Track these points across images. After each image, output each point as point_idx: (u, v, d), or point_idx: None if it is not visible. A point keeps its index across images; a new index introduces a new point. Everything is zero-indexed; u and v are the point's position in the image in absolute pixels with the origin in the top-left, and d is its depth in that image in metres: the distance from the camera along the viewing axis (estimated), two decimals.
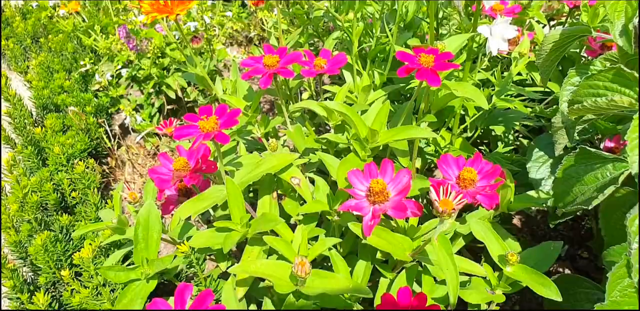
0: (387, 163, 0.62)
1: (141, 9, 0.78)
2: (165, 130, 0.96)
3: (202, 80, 0.90)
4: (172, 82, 1.37)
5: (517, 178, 0.90)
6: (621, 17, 0.55)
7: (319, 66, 0.84)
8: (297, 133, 0.81)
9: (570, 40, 0.65)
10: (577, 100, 0.56)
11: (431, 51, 0.68)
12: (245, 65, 0.78)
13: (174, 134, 0.61)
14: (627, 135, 0.46)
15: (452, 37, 0.77)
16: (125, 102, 1.47)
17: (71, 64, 1.72)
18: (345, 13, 1.00)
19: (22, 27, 1.87)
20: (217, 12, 1.57)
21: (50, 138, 1.12)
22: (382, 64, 1.04)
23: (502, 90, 0.91)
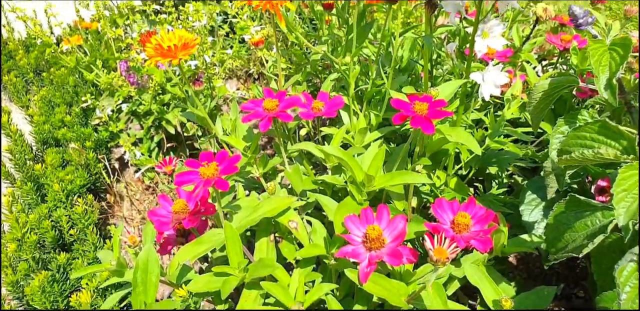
0: (383, 209, 0.64)
1: (145, 53, 0.81)
2: (165, 169, 0.98)
3: (202, 120, 0.92)
4: (172, 117, 1.40)
5: (511, 218, 0.91)
6: (605, 72, 0.57)
7: (317, 109, 0.86)
8: (295, 174, 0.82)
9: (559, 90, 0.68)
10: (565, 150, 0.58)
11: (425, 98, 0.70)
12: (246, 109, 0.80)
13: (175, 180, 0.63)
14: (613, 188, 0.48)
15: (446, 84, 0.79)
16: (125, 136, 1.49)
17: (72, 97, 1.74)
18: (342, 56, 1.03)
19: (25, 61, 1.91)
20: (217, 48, 1.61)
21: (50, 175, 1.13)
22: (378, 104, 1.06)
23: (495, 132, 0.93)
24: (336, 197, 0.90)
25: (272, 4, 0.71)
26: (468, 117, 1.10)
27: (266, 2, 0.71)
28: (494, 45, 0.75)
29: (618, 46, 0.58)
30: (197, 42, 0.81)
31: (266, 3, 0.71)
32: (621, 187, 0.48)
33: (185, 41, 0.80)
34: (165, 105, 1.45)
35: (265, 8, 0.72)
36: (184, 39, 0.81)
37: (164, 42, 0.81)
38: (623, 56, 0.57)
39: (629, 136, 0.53)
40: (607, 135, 0.55)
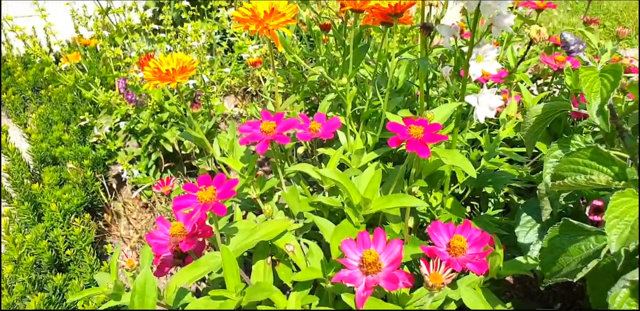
0: (379, 233, 0.64)
1: (144, 76, 0.81)
2: (162, 189, 0.98)
3: (200, 141, 0.93)
4: (170, 136, 1.40)
5: (506, 239, 0.92)
6: (597, 98, 0.58)
7: (314, 130, 0.87)
8: (292, 195, 0.83)
9: (552, 114, 0.69)
10: (559, 175, 0.59)
11: (420, 122, 0.71)
12: (243, 131, 0.81)
13: (173, 204, 0.63)
14: (605, 215, 0.49)
15: (441, 106, 0.80)
16: (122, 154, 1.50)
17: (70, 114, 1.75)
18: (339, 77, 1.04)
19: (24, 78, 1.92)
20: (216, 67, 1.62)
21: (47, 194, 1.13)
22: (375, 124, 1.07)
23: (490, 153, 0.94)
24: (333, 217, 0.90)
25: (269, 30, 0.72)
26: (464, 136, 1.11)
27: (262, 28, 0.72)
28: (488, 69, 0.77)
29: (609, 73, 0.59)
30: (194, 65, 0.82)
31: (262, 28, 0.72)
32: (613, 214, 0.49)
33: (184, 64, 0.81)
34: (163, 123, 1.46)
35: (262, 33, 0.73)
36: (182, 62, 0.82)
37: (162, 65, 0.82)
38: (614, 83, 0.58)
39: (621, 162, 0.54)
40: (599, 160, 0.55)
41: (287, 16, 0.73)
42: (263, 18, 0.72)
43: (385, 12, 0.83)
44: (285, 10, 0.73)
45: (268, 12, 0.72)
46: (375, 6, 0.85)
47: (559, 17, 3.50)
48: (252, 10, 0.73)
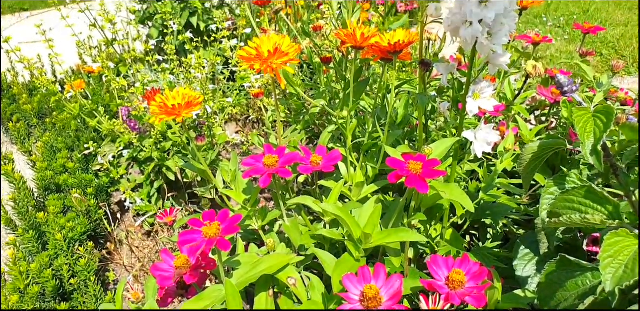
0: (380, 268, 0.65)
1: (150, 110, 0.84)
2: (166, 219, 1.00)
3: (203, 172, 0.95)
4: (173, 164, 1.42)
5: (505, 271, 0.93)
6: (590, 138, 0.60)
7: (315, 163, 0.89)
8: (293, 228, 0.84)
9: (548, 152, 0.71)
10: (555, 212, 0.61)
11: (419, 158, 0.73)
12: (246, 165, 0.83)
13: (179, 239, 0.65)
14: (600, 254, 0.50)
15: (439, 142, 0.83)
16: (125, 182, 1.51)
17: (73, 141, 1.78)
18: (339, 110, 1.07)
19: (29, 107, 1.95)
20: (218, 96, 1.65)
21: (52, 223, 1.14)
22: (375, 156, 1.09)
23: (488, 186, 0.96)
24: (334, 248, 0.92)
25: (272, 68, 0.75)
26: (463, 167, 1.13)
27: (267, 67, 0.75)
28: (485, 106, 0.79)
29: (601, 114, 0.62)
30: (200, 100, 0.84)
31: (267, 67, 0.75)
32: (607, 253, 0.50)
33: (189, 100, 0.83)
34: (166, 152, 1.48)
35: (266, 72, 0.75)
36: (187, 97, 0.84)
37: (169, 100, 0.84)
38: (606, 124, 0.60)
39: (614, 201, 0.55)
40: (594, 199, 0.57)
41: (290, 55, 0.76)
42: (267, 57, 0.75)
43: (384, 50, 0.86)
44: (288, 50, 0.76)
45: (272, 51, 0.75)
46: (375, 44, 0.88)
47: (556, 45, 3.56)
48: (256, 49, 0.76)
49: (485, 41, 0.74)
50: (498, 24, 0.74)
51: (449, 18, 0.77)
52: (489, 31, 0.74)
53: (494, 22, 0.73)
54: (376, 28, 0.90)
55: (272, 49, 0.75)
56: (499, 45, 0.75)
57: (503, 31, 0.74)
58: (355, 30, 0.90)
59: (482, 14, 0.72)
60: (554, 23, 4.18)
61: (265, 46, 0.76)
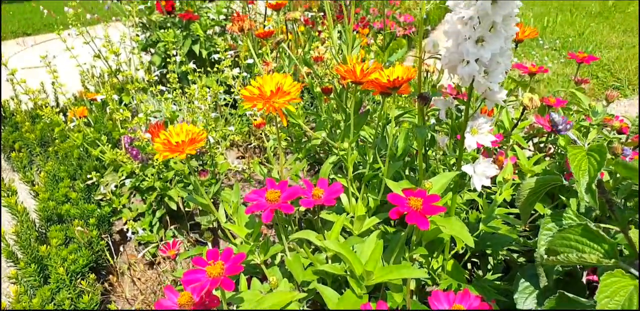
0: (382, 305, 0.66)
1: (154, 147, 0.85)
2: (169, 253, 1.00)
3: (206, 206, 0.96)
4: (174, 194, 1.43)
5: (506, 304, 0.93)
6: (585, 176, 0.62)
7: (317, 196, 0.90)
8: (295, 263, 0.85)
9: (545, 187, 0.72)
10: (553, 250, 0.62)
11: (419, 193, 0.74)
12: (249, 200, 0.84)
13: (183, 278, 0.65)
14: (597, 295, 0.51)
15: (439, 176, 0.84)
16: (127, 211, 1.52)
17: (75, 170, 1.79)
18: (340, 141, 1.09)
19: (32, 136, 1.96)
20: (220, 124, 1.67)
21: (54, 256, 1.15)
22: (376, 186, 1.10)
23: (488, 217, 0.97)
24: (336, 283, 0.92)
25: (274, 107, 0.77)
26: (463, 196, 1.14)
27: (269, 106, 0.77)
28: (483, 141, 0.81)
29: (595, 152, 0.63)
30: (203, 136, 0.86)
31: (269, 107, 0.77)
32: (604, 294, 0.51)
33: (193, 136, 0.85)
34: (168, 181, 1.49)
35: (268, 111, 0.77)
36: (191, 133, 0.86)
37: (172, 137, 0.86)
38: (600, 162, 0.61)
39: (610, 240, 0.56)
40: (590, 237, 0.58)
41: (292, 94, 0.77)
42: (269, 96, 0.77)
43: (384, 86, 0.88)
44: (290, 89, 0.78)
45: (274, 91, 0.77)
46: (374, 80, 0.90)
47: (553, 68, 3.60)
48: (259, 89, 0.78)
49: (482, 79, 0.76)
50: (494, 63, 0.76)
51: (447, 56, 0.79)
52: (486, 70, 0.77)
53: (490, 61, 0.75)
54: (375, 64, 0.93)
55: (275, 89, 0.77)
56: (495, 83, 0.77)
57: (499, 70, 0.76)
58: (355, 66, 0.93)
59: (478, 53, 0.75)
60: (550, 46, 4.24)
61: (267, 86, 0.78)
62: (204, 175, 1.03)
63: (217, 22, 2.66)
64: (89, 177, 1.47)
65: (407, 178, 1.09)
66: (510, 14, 0.73)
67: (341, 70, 0.94)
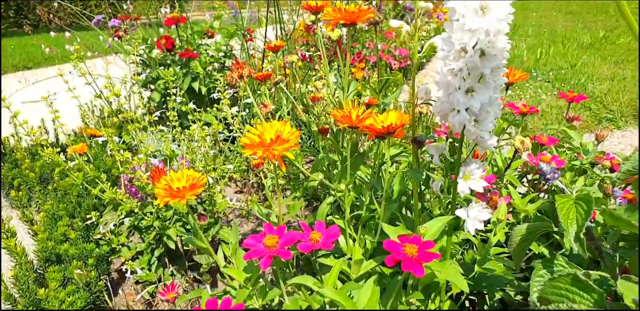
0: None
1: (155, 193, 0.87)
2: (167, 296, 1.01)
3: (205, 250, 0.98)
4: (173, 233, 1.44)
5: None
6: (574, 225, 0.64)
7: (315, 240, 0.92)
8: (293, 306, 0.86)
9: (536, 234, 0.74)
10: (544, 298, 0.63)
11: (414, 240, 0.76)
12: (247, 246, 0.86)
13: None
14: None
15: (434, 220, 0.86)
16: (126, 250, 1.53)
17: (74, 207, 1.80)
18: (337, 182, 1.11)
19: (33, 176, 1.98)
20: (219, 162, 1.69)
21: (52, 299, 1.15)
22: (373, 228, 1.12)
23: (483, 259, 0.98)
24: None
25: (274, 155, 0.79)
26: (459, 235, 1.16)
27: (269, 154, 0.79)
28: (475, 187, 0.83)
29: (582, 201, 0.65)
30: (203, 181, 0.88)
31: (269, 154, 0.79)
32: None
33: (193, 181, 0.87)
34: (167, 220, 1.51)
35: (268, 158, 0.80)
36: (191, 179, 0.88)
37: (173, 182, 0.88)
38: (587, 211, 0.63)
39: (598, 290, 0.58)
40: (580, 287, 0.60)
41: (290, 142, 0.80)
42: (269, 144, 0.79)
43: (378, 132, 0.91)
44: (289, 137, 0.81)
45: (274, 139, 0.79)
46: (369, 125, 0.92)
47: (546, 100, 3.67)
48: (259, 137, 0.81)
49: (472, 128, 0.79)
50: (484, 112, 0.79)
51: (438, 105, 0.82)
52: (476, 118, 0.79)
53: (480, 111, 0.78)
54: (370, 111, 0.95)
55: (274, 137, 0.80)
56: (486, 131, 0.79)
57: (489, 118, 0.79)
58: (350, 111, 0.96)
59: (468, 103, 0.78)
60: (544, 77, 4.32)
61: (267, 134, 0.81)
62: (204, 219, 1.05)
63: (216, 59, 2.72)
64: (88, 216, 1.48)
65: (403, 218, 1.11)
66: (499, 66, 0.77)
67: (337, 116, 0.97)
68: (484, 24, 0.72)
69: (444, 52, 0.78)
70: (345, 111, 0.97)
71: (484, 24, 0.72)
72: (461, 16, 0.73)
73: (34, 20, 11.22)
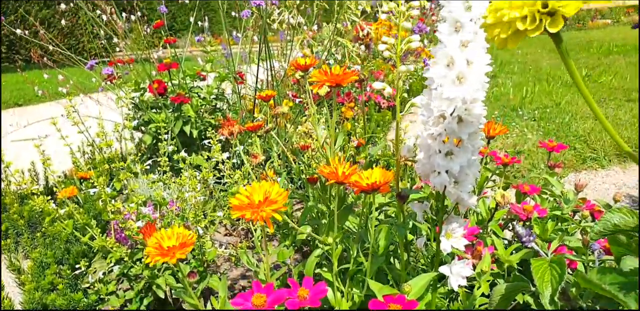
0: None
1: (146, 251, 0.89)
2: None
3: (195, 306, 0.99)
4: (162, 282, 1.45)
5: None
6: (549, 288, 0.66)
7: (302, 297, 0.93)
8: None
9: (514, 293, 0.76)
10: None
11: (399, 299, 0.78)
12: (235, 305, 0.87)
13: None
14: None
15: (417, 278, 0.88)
16: (114, 299, 1.52)
17: (63, 254, 1.80)
18: (325, 234, 1.13)
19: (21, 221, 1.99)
20: (209, 207, 1.71)
21: None
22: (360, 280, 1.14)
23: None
24: None
25: (262, 217, 0.82)
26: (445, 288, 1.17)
27: (257, 215, 0.82)
28: (457, 245, 0.86)
29: (556, 264, 0.68)
30: (193, 239, 0.91)
31: (257, 216, 0.82)
32: None
33: (183, 240, 0.90)
34: (157, 269, 1.51)
35: (256, 220, 0.82)
36: (181, 237, 0.91)
37: (164, 240, 0.90)
38: (561, 275, 0.66)
39: None
40: None
41: (279, 203, 0.83)
42: (258, 205, 0.82)
43: (363, 189, 0.94)
44: (277, 198, 0.83)
45: (262, 200, 0.82)
46: (354, 182, 0.96)
47: (532, 139, 3.73)
48: (248, 198, 0.84)
49: (452, 190, 0.82)
50: (463, 174, 0.82)
51: (419, 167, 0.86)
52: (456, 180, 0.83)
53: (460, 173, 0.82)
54: (355, 167, 0.99)
55: (262, 198, 0.82)
56: (466, 192, 0.83)
57: (468, 180, 0.83)
58: (337, 168, 0.99)
59: (448, 165, 0.81)
60: (529, 116, 4.41)
61: (256, 195, 0.84)
62: (193, 276, 1.06)
63: (208, 102, 2.77)
64: (77, 266, 1.48)
65: (390, 270, 1.13)
66: (476, 131, 0.81)
67: (325, 172, 1.00)
68: (460, 93, 0.76)
69: (424, 117, 0.83)
70: (332, 167, 1.00)
71: (461, 93, 0.76)
72: (439, 85, 0.78)
73: (27, 56, 11.35)
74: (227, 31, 2.88)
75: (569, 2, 0.50)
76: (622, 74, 5.86)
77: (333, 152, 1.14)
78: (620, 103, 4.54)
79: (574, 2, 0.50)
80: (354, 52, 3.42)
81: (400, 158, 1.01)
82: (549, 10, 0.51)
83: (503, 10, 0.53)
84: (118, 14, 2.58)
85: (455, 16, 0.74)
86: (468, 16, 0.74)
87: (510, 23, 0.52)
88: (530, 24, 0.52)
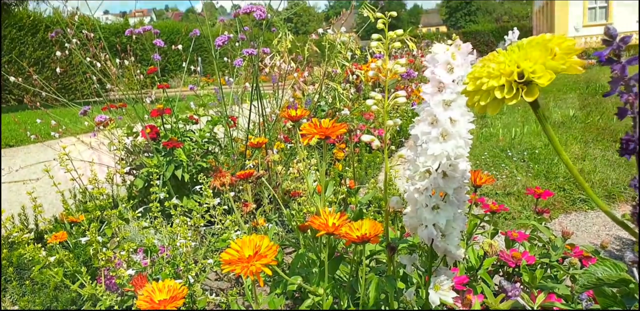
0: None
1: (137, 305, 0.89)
2: None
3: None
4: None
5: None
6: None
7: None
8: None
9: None
10: None
11: None
12: None
13: None
14: None
15: None
16: None
17: (51, 301, 1.78)
18: (316, 284, 1.13)
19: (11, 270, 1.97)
20: (200, 254, 1.71)
21: None
22: None
23: None
24: None
25: (252, 272, 0.83)
26: None
27: (247, 270, 0.83)
28: (445, 297, 0.87)
29: None
30: (184, 293, 0.91)
31: (246, 271, 0.83)
32: None
33: (174, 293, 0.90)
34: None
35: (246, 275, 0.83)
36: (172, 290, 0.91)
37: (155, 294, 0.91)
38: None
39: None
40: None
41: (268, 257, 0.84)
42: (247, 259, 0.83)
43: (353, 240, 0.95)
44: (267, 252, 0.85)
45: (252, 254, 0.83)
46: (344, 234, 0.97)
47: (522, 180, 3.77)
48: (238, 252, 0.85)
49: (440, 243, 0.84)
50: (449, 228, 0.84)
51: (407, 220, 0.88)
52: (443, 233, 0.85)
53: (446, 226, 0.84)
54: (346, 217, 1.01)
55: (252, 253, 0.84)
56: (452, 245, 0.85)
57: (455, 233, 0.85)
58: (327, 219, 1.01)
59: (434, 219, 0.83)
60: (519, 157, 4.46)
61: (246, 249, 0.85)
62: None
63: (200, 146, 2.80)
64: None
65: None
66: (461, 186, 0.83)
67: (315, 223, 1.01)
68: (444, 150, 0.79)
69: (410, 172, 0.85)
70: (322, 218, 1.02)
71: (445, 150, 0.79)
72: (424, 142, 0.81)
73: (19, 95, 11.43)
74: (219, 75, 2.94)
75: (544, 74, 0.54)
76: (609, 114, 5.98)
77: (324, 200, 1.16)
78: (607, 144, 4.61)
79: (548, 74, 0.53)
80: (344, 95, 3.50)
81: (390, 208, 1.03)
82: (524, 81, 0.55)
83: (482, 79, 0.56)
84: (112, 61, 2.63)
85: (437, 77, 0.78)
86: (450, 77, 0.78)
87: (489, 91, 0.56)
88: (508, 93, 0.55)
